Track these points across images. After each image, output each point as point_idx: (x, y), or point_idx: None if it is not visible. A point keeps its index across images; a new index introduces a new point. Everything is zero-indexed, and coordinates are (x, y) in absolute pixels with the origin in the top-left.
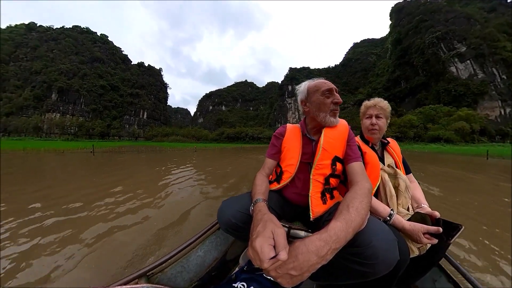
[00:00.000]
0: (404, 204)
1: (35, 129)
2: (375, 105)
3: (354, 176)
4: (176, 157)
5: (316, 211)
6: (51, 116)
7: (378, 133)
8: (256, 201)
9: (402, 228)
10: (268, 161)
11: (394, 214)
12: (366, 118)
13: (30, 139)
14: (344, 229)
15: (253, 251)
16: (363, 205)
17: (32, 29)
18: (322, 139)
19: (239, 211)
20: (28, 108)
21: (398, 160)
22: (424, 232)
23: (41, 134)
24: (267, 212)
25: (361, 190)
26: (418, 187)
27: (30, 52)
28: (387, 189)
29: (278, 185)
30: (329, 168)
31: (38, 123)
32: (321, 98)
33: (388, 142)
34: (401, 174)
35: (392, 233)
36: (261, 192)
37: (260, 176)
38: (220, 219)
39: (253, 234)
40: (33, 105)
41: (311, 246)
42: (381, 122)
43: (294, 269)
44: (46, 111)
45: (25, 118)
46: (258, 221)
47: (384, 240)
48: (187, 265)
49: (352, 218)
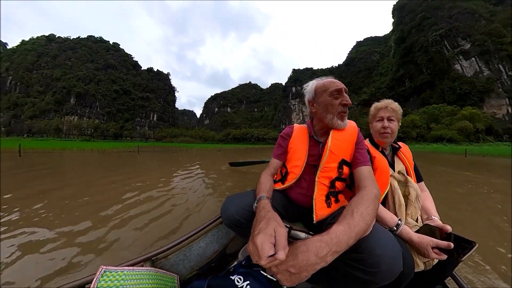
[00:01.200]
0: (413, 214)
1: (56, 130)
2: (386, 107)
3: (362, 181)
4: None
5: (319, 214)
6: (70, 119)
7: (390, 137)
8: (260, 198)
9: (410, 240)
10: (273, 161)
11: (402, 225)
12: (377, 120)
13: (52, 139)
14: (347, 233)
15: (253, 246)
16: (368, 211)
17: (52, 40)
18: (329, 142)
19: (243, 208)
20: (49, 111)
21: (409, 166)
22: (433, 246)
23: (61, 135)
24: (271, 210)
25: (368, 196)
26: (429, 197)
27: (51, 61)
28: (396, 197)
29: (282, 185)
30: (336, 171)
31: (59, 125)
32: (329, 99)
33: (399, 147)
34: (412, 182)
35: (398, 244)
36: (265, 190)
37: (265, 175)
38: (224, 215)
39: (255, 230)
40: (54, 108)
41: (311, 246)
42: (393, 125)
43: (293, 266)
44: (65, 114)
45: (47, 121)
46: (261, 218)
47: (388, 249)
48: (189, 254)
49: (355, 223)
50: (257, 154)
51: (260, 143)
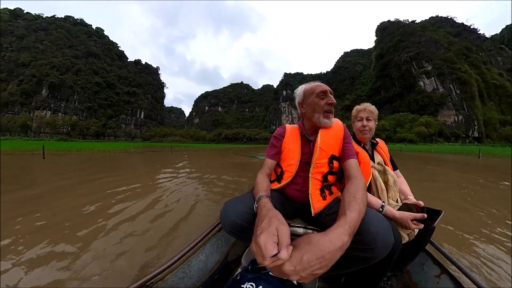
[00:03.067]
0: (393, 196)
1: (23, 127)
2: (365, 109)
3: (352, 171)
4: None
5: (317, 207)
6: (41, 114)
7: (369, 133)
8: (260, 198)
9: (393, 217)
10: (268, 161)
11: (386, 206)
12: (357, 120)
13: (16, 139)
14: (358, 220)
15: (257, 246)
16: (364, 197)
17: (18, 16)
18: (319, 140)
19: (244, 211)
20: (14, 104)
21: (386, 158)
22: (412, 219)
23: (29, 134)
24: (272, 208)
25: (361, 184)
26: (404, 181)
27: (17, 41)
28: (378, 184)
29: (279, 184)
30: (327, 166)
31: (27, 121)
32: (315, 100)
33: (377, 143)
34: (389, 170)
35: (386, 220)
36: (263, 190)
37: (261, 175)
38: (224, 221)
39: (257, 229)
40: (21, 101)
41: (338, 242)
42: (371, 124)
43: (321, 268)
44: (35, 108)
45: (11, 116)
46: (263, 217)
47: (380, 226)
48: (189, 270)
49: (361, 208)
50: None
51: (252, 143)
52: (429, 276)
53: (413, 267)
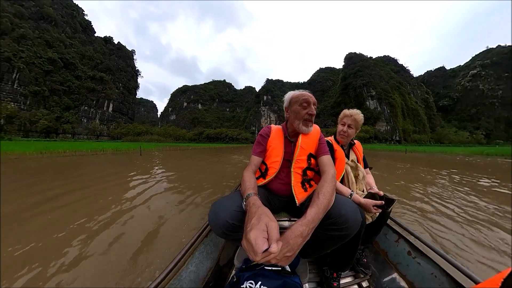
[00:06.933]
0: (360, 187)
1: None
2: (351, 116)
3: (324, 166)
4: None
5: (300, 198)
6: None
7: (346, 139)
8: (248, 196)
9: (359, 203)
10: (254, 158)
11: (354, 194)
12: (341, 124)
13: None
14: (317, 212)
15: (248, 243)
16: (328, 189)
17: None
18: (300, 140)
19: (235, 210)
20: None
21: (359, 157)
22: (373, 205)
23: None
24: (261, 205)
25: (328, 177)
26: (371, 176)
27: None
28: (350, 177)
29: (264, 180)
30: (306, 162)
31: None
32: (298, 108)
33: (354, 143)
34: (360, 167)
35: (355, 204)
36: (251, 187)
37: (247, 173)
38: (215, 223)
39: (247, 226)
40: None
41: (296, 231)
42: (351, 131)
43: (288, 251)
44: None
45: None
46: (253, 214)
47: (350, 208)
48: (180, 285)
49: (321, 202)
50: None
51: (234, 142)
52: (391, 242)
53: (379, 238)
